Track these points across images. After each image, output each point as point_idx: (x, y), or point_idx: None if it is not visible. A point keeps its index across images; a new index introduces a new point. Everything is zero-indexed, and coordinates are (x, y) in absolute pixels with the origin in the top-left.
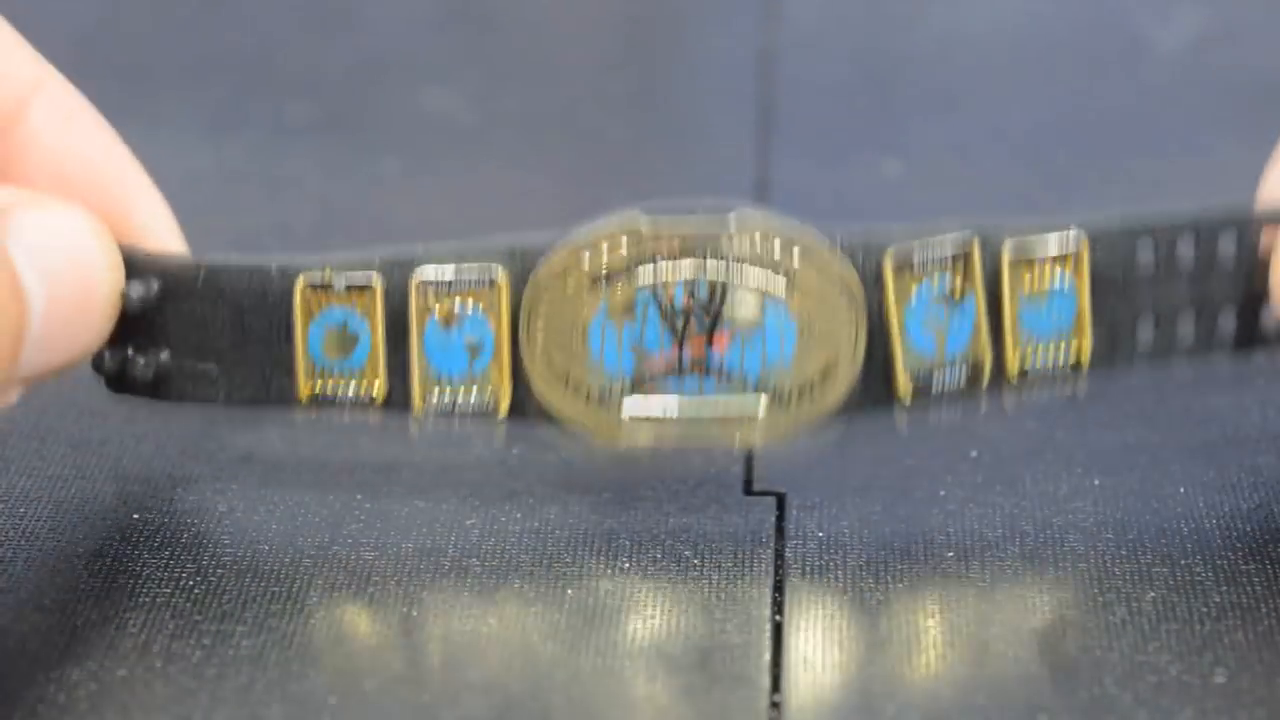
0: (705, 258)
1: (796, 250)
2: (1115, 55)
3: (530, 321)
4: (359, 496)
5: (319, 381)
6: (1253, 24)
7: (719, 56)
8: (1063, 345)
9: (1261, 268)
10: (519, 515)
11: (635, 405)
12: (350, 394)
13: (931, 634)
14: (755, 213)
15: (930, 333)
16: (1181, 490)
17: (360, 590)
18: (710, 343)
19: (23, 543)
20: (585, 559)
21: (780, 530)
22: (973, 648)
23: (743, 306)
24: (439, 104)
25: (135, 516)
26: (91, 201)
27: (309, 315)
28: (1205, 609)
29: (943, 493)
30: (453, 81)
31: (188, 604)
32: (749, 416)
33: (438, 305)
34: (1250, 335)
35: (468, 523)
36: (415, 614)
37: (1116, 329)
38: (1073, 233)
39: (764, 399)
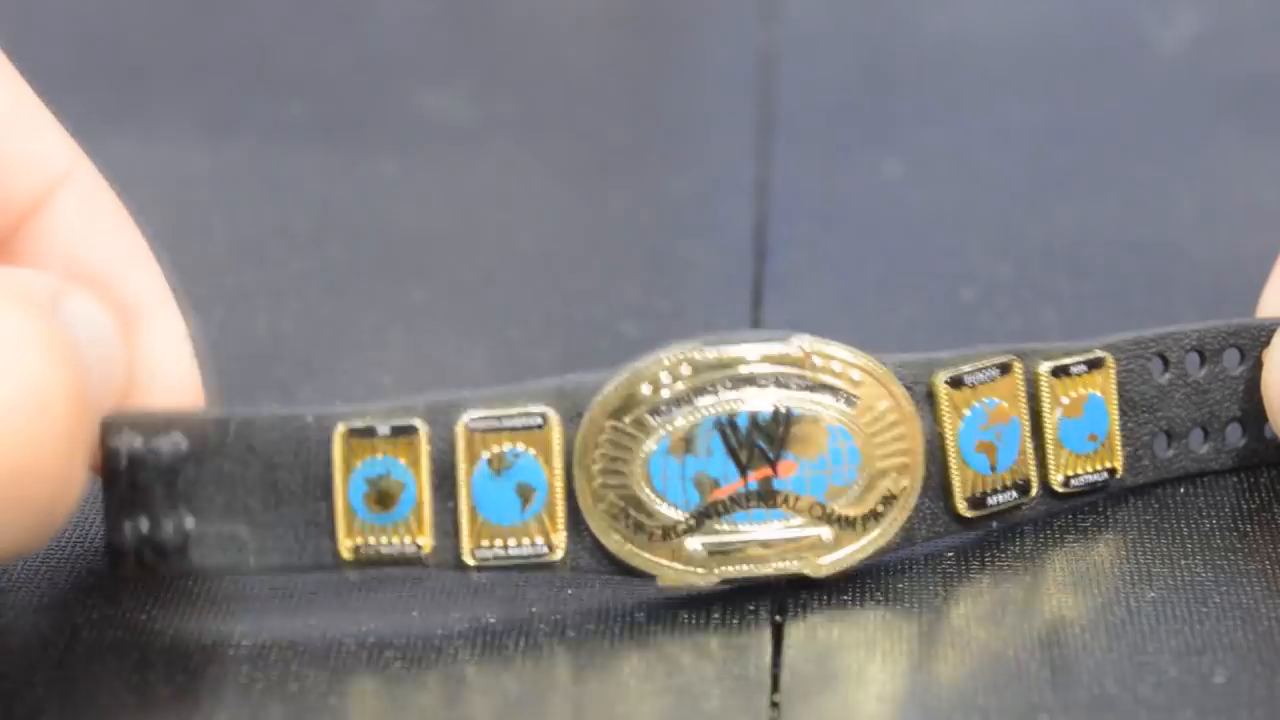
0: (767, 385)
1: (855, 374)
2: (1115, 56)
3: (586, 461)
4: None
5: (361, 538)
6: (1253, 24)
7: (719, 56)
8: (1098, 461)
9: (1257, 386)
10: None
11: (701, 541)
12: (395, 548)
13: (932, 634)
14: (812, 339)
15: (983, 454)
16: (1181, 490)
17: (360, 590)
18: (775, 471)
19: None
20: None
21: None
22: (973, 648)
23: (806, 431)
24: (439, 104)
25: None
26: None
27: (349, 466)
28: (1205, 609)
29: None
30: (453, 81)
31: (187, 604)
32: (816, 545)
33: (486, 451)
34: (1256, 450)
35: None
36: (415, 614)
37: (1138, 446)
38: (1099, 354)
39: (830, 530)
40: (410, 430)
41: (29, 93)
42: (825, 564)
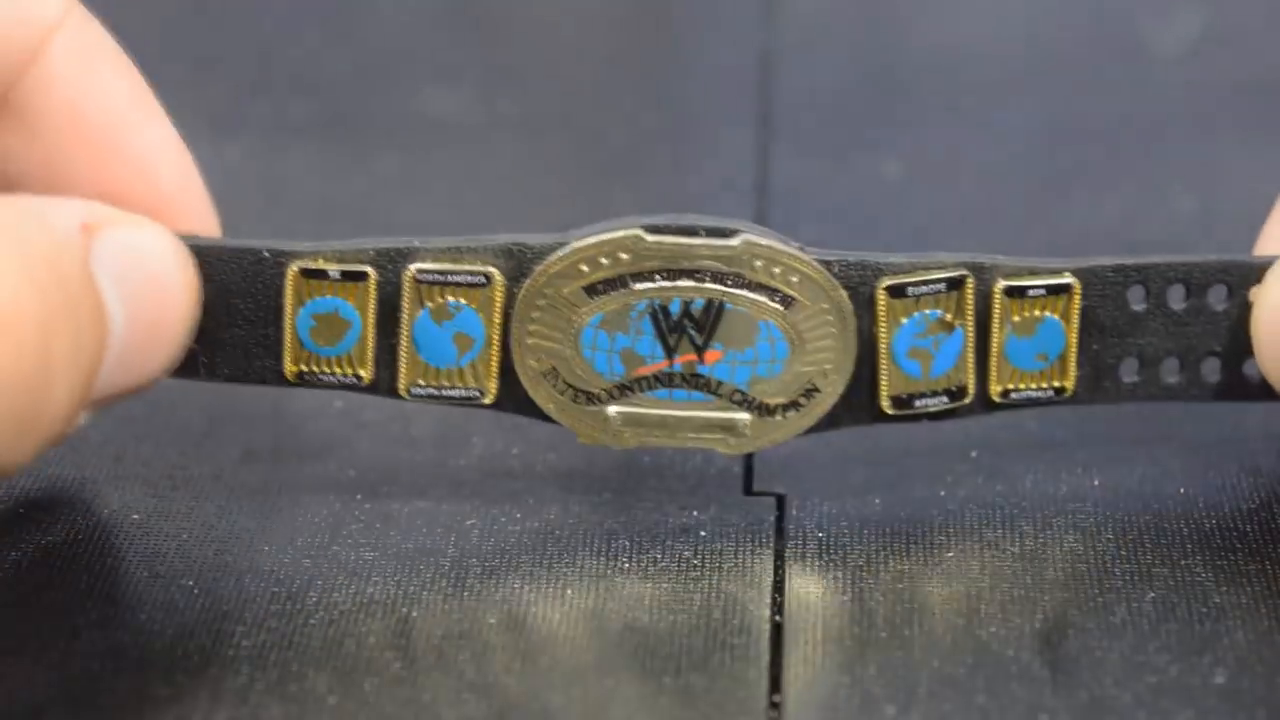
0: (704, 279)
1: (794, 277)
2: (1115, 56)
3: (523, 322)
4: (359, 496)
5: (305, 366)
6: (1253, 24)
7: (719, 56)
8: (1046, 381)
9: (1244, 323)
10: (519, 515)
11: (622, 410)
12: (336, 377)
13: (931, 634)
14: (758, 237)
15: (916, 360)
16: (1181, 490)
17: (360, 590)
18: (702, 358)
19: (22, 543)
20: (585, 559)
21: (780, 530)
22: (973, 648)
23: (737, 326)
24: (439, 104)
25: (135, 516)
26: (108, 148)
27: (300, 301)
28: (1205, 609)
29: (943, 493)
30: (454, 80)
31: (187, 603)
32: (734, 428)
33: (430, 300)
34: (1233, 386)
35: (468, 523)
36: (415, 614)
37: (1101, 368)
38: (1066, 279)
39: (748, 416)
40: (360, 276)
41: None
42: (741, 443)
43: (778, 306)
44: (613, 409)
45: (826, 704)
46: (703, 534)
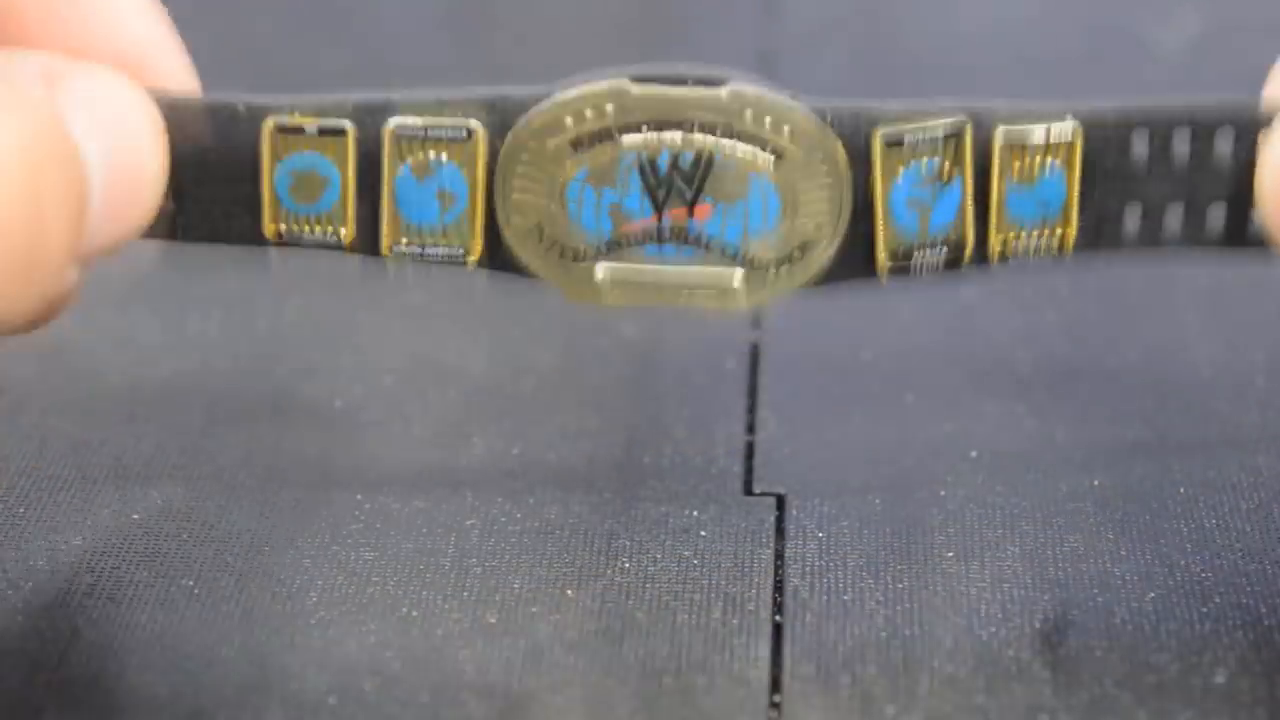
0: (693, 130)
1: (786, 128)
2: (1115, 56)
3: (507, 177)
4: (359, 496)
5: (284, 225)
6: (1253, 24)
7: (719, 56)
8: (1047, 232)
9: (1253, 169)
10: (519, 515)
11: (610, 267)
12: (316, 236)
13: (931, 634)
14: (747, 86)
15: (914, 211)
16: (1181, 490)
17: (360, 590)
18: (691, 213)
19: (22, 543)
20: (585, 559)
21: (780, 530)
22: (973, 647)
23: (727, 180)
24: None
25: (135, 516)
26: (89, 21)
27: (276, 157)
28: (1205, 609)
29: (943, 493)
30: (453, 81)
31: (187, 603)
32: (725, 285)
33: (411, 156)
34: (1237, 234)
35: (468, 523)
36: (415, 614)
37: (1103, 217)
38: (1068, 123)
39: (740, 271)
40: (339, 132)
41: None
42: (734, 301)
43: (769, 157)
44: (600, 267)
45: (826, 704)
46: (703, 534)
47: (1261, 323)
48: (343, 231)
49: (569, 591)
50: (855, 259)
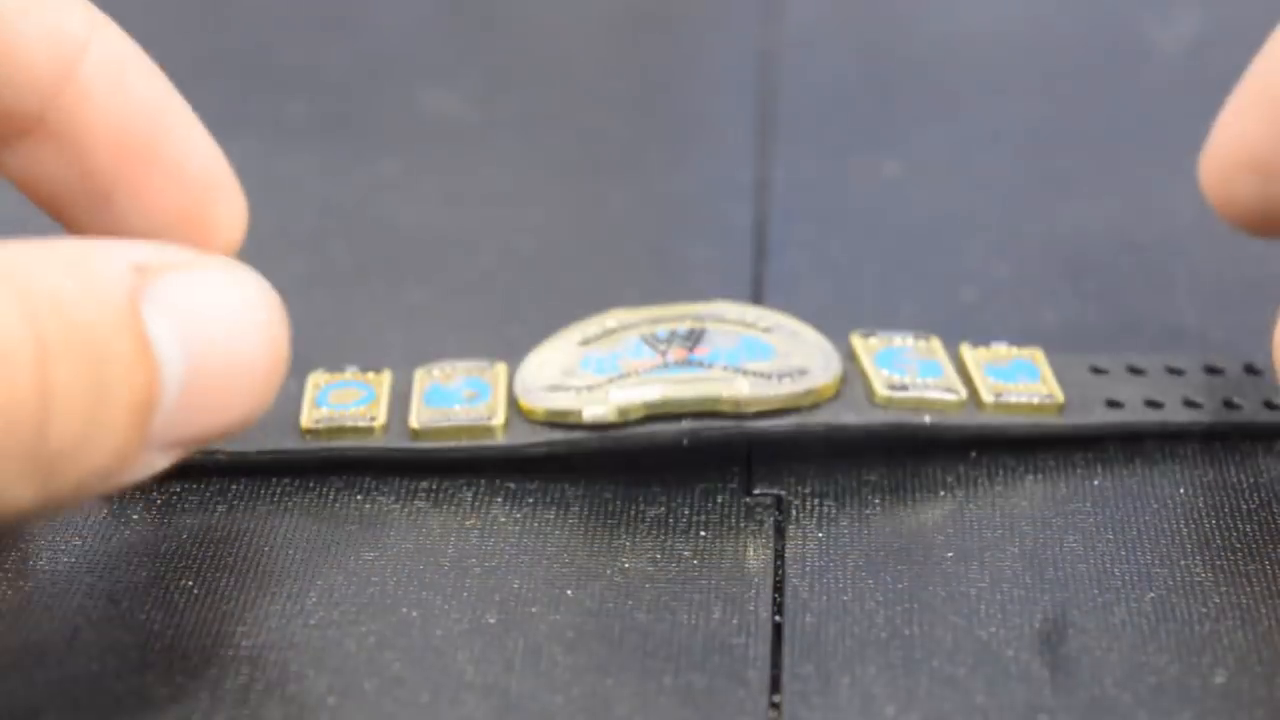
0: (685, 320)
1: (773, 319)
2: (1115, 55)
3: (525, 373)
4: (359, 497)
5: (321, 413)
6: (1253, 24)
7: (719, 56)
8: (1034, 390)
9: None
10: (519, 515)
11: (621, 391)
12: (351, 420)
13: (931, 634)
14: (731, 303)
15: (901, 368)
16: (1181, 490)
17: (360, 590)
18: (692, 352)
19: (22, 544)
20: (585, 559)
21: (780, 530)
22: (973, 648)
23: (722, 338)
24: (439, 104)
25: (135, 516)
26: (144, 158)
27: (318, 389)
28: (1205, 609)
29: (942, 493)
30: (453, 81)
31: (188, 604)
32: (731, 393)
33: (441, 376)
34: (1220, 420)
35: (467, 523)
36: (415, 614)
37: (1087, 399)
38: (1040, 366)
39: (746, 379)
40: (376, 370)
41: None
42: (744, 400)
43: (759, 333)
44: (613, 391)
45: (826, 704)
46: (703, 534)
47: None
48: (375, 413)
49: (569, 591)
50: (854, 394)
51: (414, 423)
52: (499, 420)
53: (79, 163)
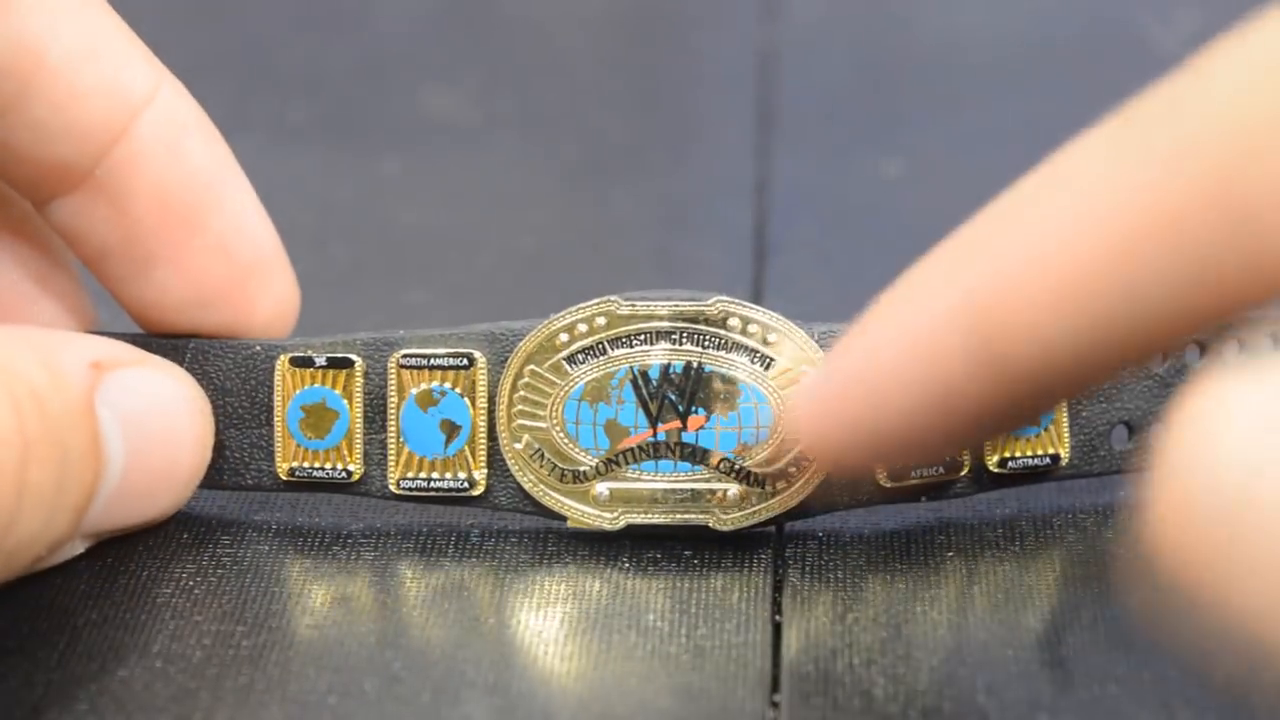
0: (681, 342)
1: (772, 336)
2: (1115, 56)
3: (508, 405)
4: (359, 496)
5: (296, 462)
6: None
7: (719, 56)
8: (1040, 447)
9: None
10: (519, 515)
11: (609, 486)
12: (326, 471)
13: (932, 634)
14: (731, 300)
15: None
16: None
17: (360, 590)
18: (685, 426)
19: None
20: (585, 559)
21: (780, 530)
22: (973, 648)
23: (718, 388)
24: (440, 104)
25: None
26: (190, 226)
27: (289, 393)
28: None
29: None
30: (454, 81)
31: (188, 604)
32: (723, 499)
33: (415, 386)
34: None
35: (468, 523)
36: (415, 614)
37: (1093, 436)
38: None
39: (738, 486)
40: (347, 363)
41: (112, 20)
42: (729, 519)
43: (758, 368)
44: (600, 486)
45: (826, 704)
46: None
47: None
48: (351, 467)
49: (569, 591)
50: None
51: (392, 486)
52: (480, 490)
53: (123, 223)
